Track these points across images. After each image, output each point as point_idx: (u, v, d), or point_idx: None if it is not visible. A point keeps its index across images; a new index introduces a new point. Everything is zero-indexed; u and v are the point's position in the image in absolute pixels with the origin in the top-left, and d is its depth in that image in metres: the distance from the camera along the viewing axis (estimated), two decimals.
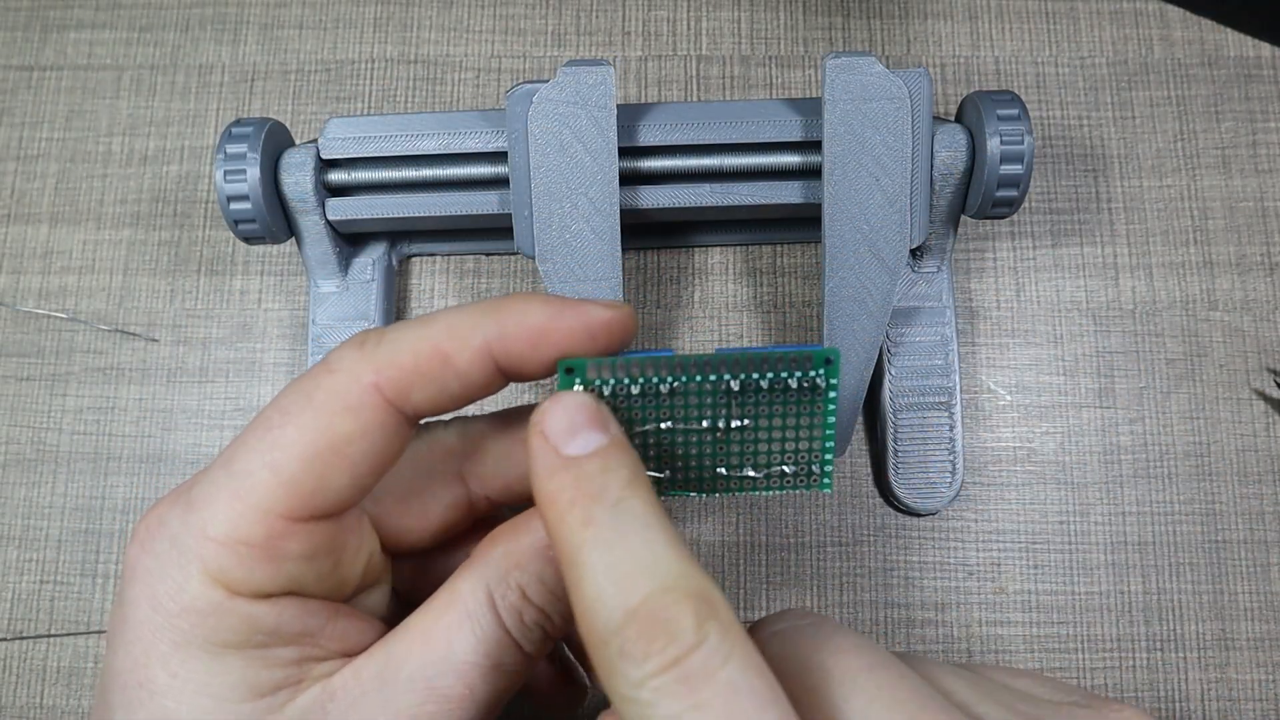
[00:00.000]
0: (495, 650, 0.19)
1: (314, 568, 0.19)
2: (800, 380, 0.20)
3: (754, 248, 0.36)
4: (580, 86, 0.29)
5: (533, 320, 0.19)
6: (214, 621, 0.19)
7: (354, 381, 0.19)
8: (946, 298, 0.34)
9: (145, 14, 0.39)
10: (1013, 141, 0.29)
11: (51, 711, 0.33)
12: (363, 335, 0.20)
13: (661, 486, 0.21)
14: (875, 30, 0.38)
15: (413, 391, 0.19)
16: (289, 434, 0.19)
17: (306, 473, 0.19)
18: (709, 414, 0.20)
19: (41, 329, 0.36)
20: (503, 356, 0.19)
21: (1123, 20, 0.38)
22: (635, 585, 0.16)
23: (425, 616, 0.20)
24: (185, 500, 0.19)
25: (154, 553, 0.19)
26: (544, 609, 0.20)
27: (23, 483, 0.35)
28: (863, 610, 0.33)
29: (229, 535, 0.18)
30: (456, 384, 0.20)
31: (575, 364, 0.20)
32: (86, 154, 0.38)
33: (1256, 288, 0.35)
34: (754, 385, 0.20)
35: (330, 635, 0.20)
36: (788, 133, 0.31)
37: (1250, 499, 0.34)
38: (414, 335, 0.19)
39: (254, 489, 0.18)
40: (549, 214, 0.29)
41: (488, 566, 0.20)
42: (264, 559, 0.19)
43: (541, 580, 0.20)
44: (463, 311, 0.20)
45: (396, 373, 0.19)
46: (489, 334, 0.19)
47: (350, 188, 0.32)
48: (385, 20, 0.39)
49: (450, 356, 0.19)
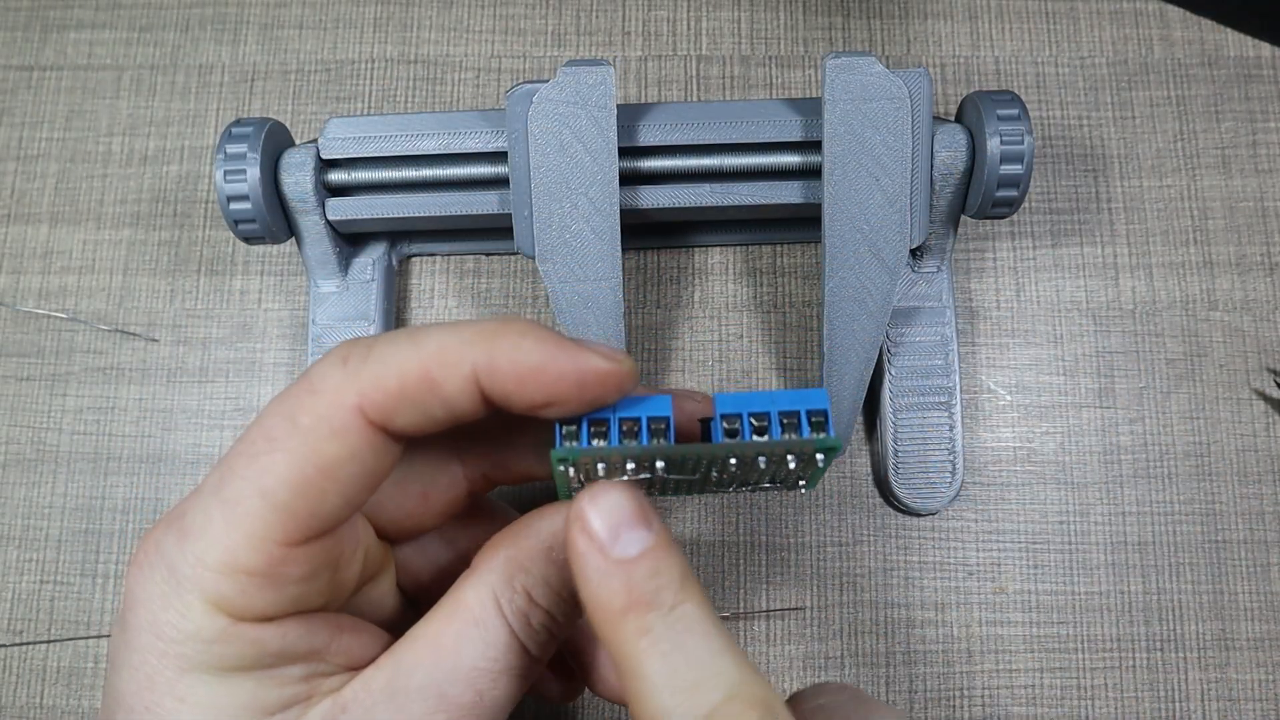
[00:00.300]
0: (503, 656, 0.20)
1: (315, 584, 0.19)
2: (798, 459, 0.20)
3: (754, 248, 0.36)
4: (580, 86, 0.29)
5: (525, 359, 0.19)
6: (219, 648, 0.18)
7: (338, 406, 0.18)
8: (946, 298, 0.34)
9: (145, 14, 0.39)
10: (1013, 141, 0.29)
11: (51, 712, 0.33)
12: (347, 348, 0.19)
13: (650, 488, 0.21)
14: (875, 30, 0.38)
15: (396, 416, 0.19)
16: (277, 460, 0.18)
17: (299, 499, 0.18)
18: (703, 470, 0.20)
19: (41, 329, 0.36)
20: (489, 388, 0.19)
21: (1123, 20, 0.38)
22: (701, 697, 0.17)
23: (432, 625, 0.20)
24: (179, 528, 0.19)
25: (152, 580, 0.19)
26: (550, 611, 0.20)
27: (23, 483, 0.35)
28: (863, 610, 0.33)
29: (227, 565, 0.18)
30: (441, 410, 0.19)
31: (569, 454, 0.19)
32: (86, 154, 0.38)
33: (1256, 288, 0.35)
34: (752, 463, 0.20)
35: (336, 650, 0.20)
36: (788, 133, 0.31)
37: (1250, 499, 0.34)
38: (401, 356, 0.19)
39: (247, 516, 0.18)
40: (549, 214, 0.29)
41: (492, 572, 0.20)
42: (265, 586, 0.18)
43: (547, 582, 0.20)
44: (455, 333, 0.19)
45: (380, 396, 0.18)
46: (479, 363, 0.19)
47: (350, 188, 0.32)
48: (385, 20, 0.39)
49: (438, 383, 0.19)
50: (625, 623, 0.18)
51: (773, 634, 0.33)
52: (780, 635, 0.33)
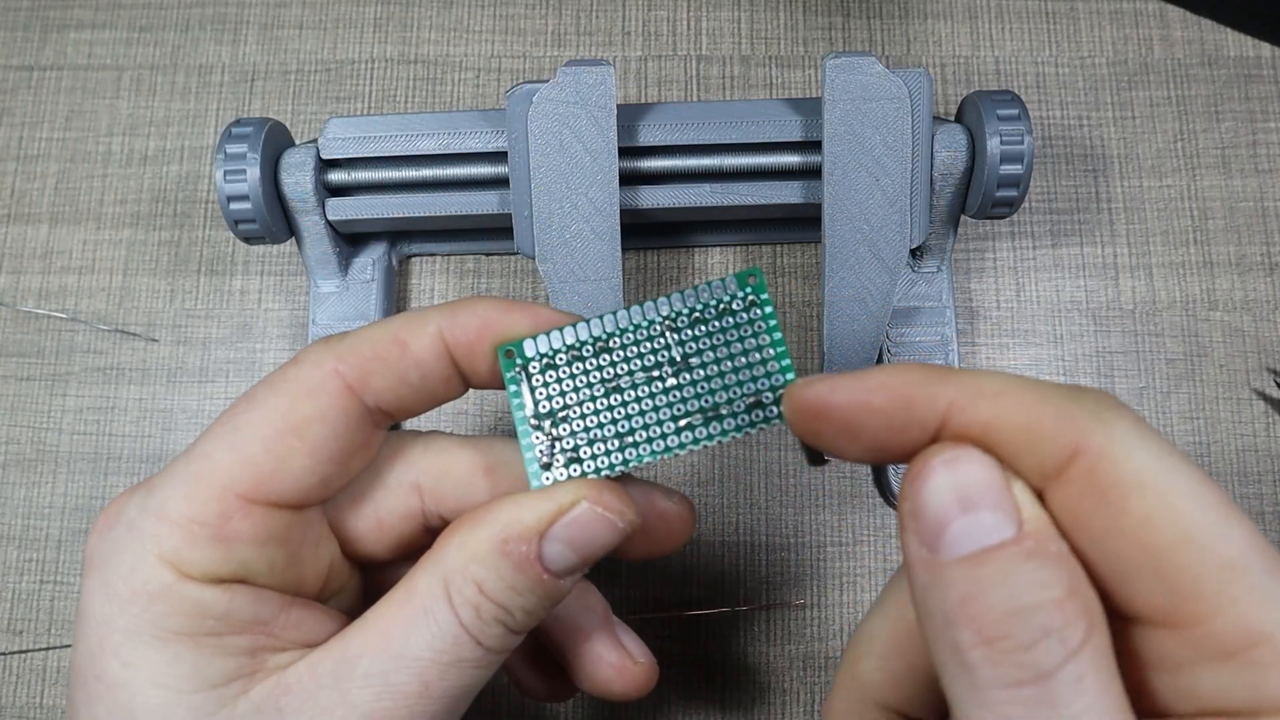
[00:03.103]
0: (452, 647, 0.19)
1: (265, 555, 0.19)
2: (733, 301, 0.20)
3: (754, 248, 0.36)
4: (580, 86, 0.29)
5: (481, 311, 0.20)
6: (162, 606, 0.19)
7: (315, 368, 0.20)
8: (946, 298, 0.34)
9: (145, 14, 0.39)
10: (1013, 141, 0.29)
11: (51, 712, 0.33)
12: (328, 336, 0.21)
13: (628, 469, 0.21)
14: (875, 30, 0.38)
15: (372, 377, 0.20)
16: (252, 416, 0.19)
17: (265, 453, 0.19)
18: (652, 360, 0.20)
19: (41, 329, 0.36)
20: (454, 343, 0.20)
21: (1123, 20, 0.38)
22: None
23: (382, 610, 0.20)
24: (146, 487, 0.20)
25: (110, 540, 0.19)
26: (503, 604, 0.19)
27: (23, 483, 0.35)
28: (863, 610, 0.33)
29: (184, 514, 0.19)
30: (415, 373, 0.20)
31: (513, 345, 0.20)
32: (86, 154, 0.38)
33: (1256, 288, 0.35)
34: (689, 315, 0.20)
35: (285, 624, 0.20)
36: (788, 133, 0.31)
37: (1250, 499, 0.34)
38: (373, 329, 0.20)
39: (213, 469, 0.19)
40: (549, 214, 0.29)
41: (444, 560, 0.20)
42: (216, 539, 0.19)
43: (500, 575, 0.19)
44: (421, 308, 0.21)
45: (356, 359, 0.20)
46: (441, 322, 0.20)
47: (350, 188, 0.32)
48: (385, 20, 0.39)
49: (406, 343, 0.20)
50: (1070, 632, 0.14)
51: (773, 633, 0.33)
52: (780, 634, 0.33)
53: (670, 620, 0.33)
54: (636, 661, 0.23)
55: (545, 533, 0.19)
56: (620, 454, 0.20)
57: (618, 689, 0.23)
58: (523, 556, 0.19)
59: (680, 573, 0.33)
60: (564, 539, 0.19)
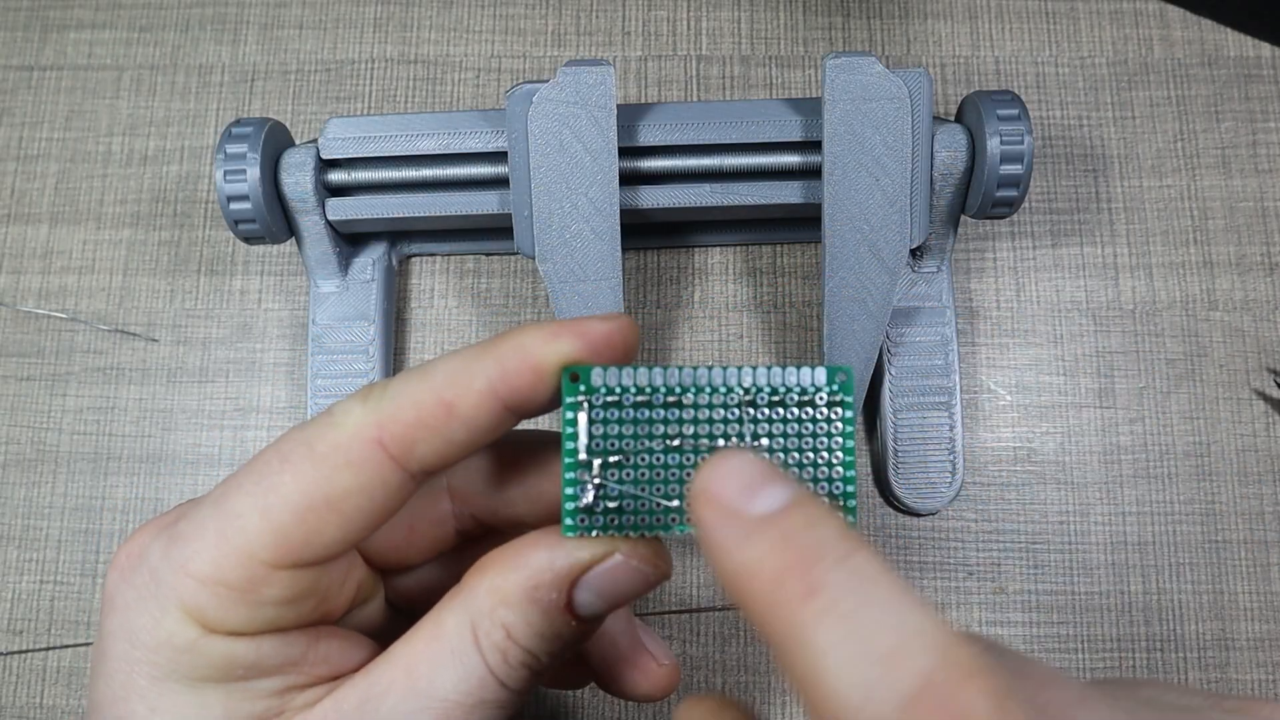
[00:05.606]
0: (478, 688, 0.19)
1: (294, 610, 0.19)
2: (817, 395, 0.19)
3: (754, 248, 0.36)
4: (580, 86, 0.29)
5: (530, 348, 0.18)
6: (190, 658, 0.18)
7: (357, 436, 0.18)
8: (946, 298, 0.34)
9: (145, 14, 0.39)
10: (1013, 141, 0.29)
11: (51, 712, 0.33)
12: (366, 389, 0.19)
13: (672, 518, 0.20)
14: (875, 30, 0.38)
15: (417, 445, 0.18)
16: (285, 481, 0.18)
17: (298, 524, 0.18)
18: (721, 429, 0.19)
19: (41, 329, 0.36)
20: (508, 394, 0.19)
21: (1123, 20, 0.38)
22: (907, 665, 0.13)
23: (409, 647, 0.20)
24: (170, 533, 0.19)
25: (132, 584, 0.19)
26: (530, 650, 0.19)
27: (23, 483, 0.35)
28: None
29: (209, 575, 0.18)
30: (463, 432, 0.19)
31: (580, 370, 0.19)
32: (86, 154, 0.38)
33: (1256, 288, 0.35)
34: (769, 394, 0.19)
35: (314, 660, 0.20)
36: (788, 133, 0.31)
37: (1250, 499, 0.34)
38: (415, 387, 0.19)
39: (242, 531, 0.18)
40: (549, 214, 0.29)
41: (473, 601, 0.19)
42: (242, 602, 0.18)
43: (528, 621, 0.19)
44: (461, 356, 0.19)
45: (400, 428, 0.18)
46: (491, 374, 0.18)
47: (350, 188, 0.32)
48: (385, 20, 0.39)
49: (454, 405, 0.18)
50: (784, 589, 0.14)
51: None
52: None
53: (670, 620, 0.33)
54: (661, 664, 0.23)
55: (577, 581, 0.19)
56: (664, 517, 0.19)
57: (643, 691, 0.23)
58: (552, 604, 0.19)
59: (680, 573, 0.33)
60: (595, 588, 0.19)
